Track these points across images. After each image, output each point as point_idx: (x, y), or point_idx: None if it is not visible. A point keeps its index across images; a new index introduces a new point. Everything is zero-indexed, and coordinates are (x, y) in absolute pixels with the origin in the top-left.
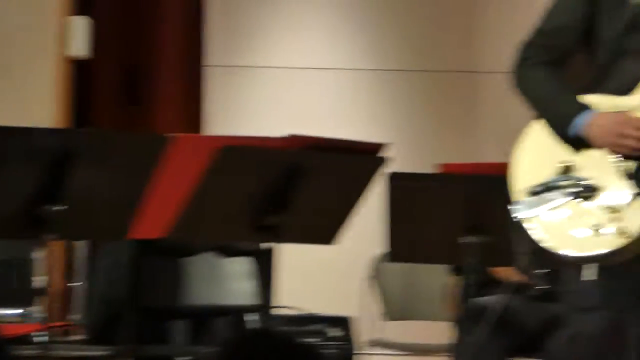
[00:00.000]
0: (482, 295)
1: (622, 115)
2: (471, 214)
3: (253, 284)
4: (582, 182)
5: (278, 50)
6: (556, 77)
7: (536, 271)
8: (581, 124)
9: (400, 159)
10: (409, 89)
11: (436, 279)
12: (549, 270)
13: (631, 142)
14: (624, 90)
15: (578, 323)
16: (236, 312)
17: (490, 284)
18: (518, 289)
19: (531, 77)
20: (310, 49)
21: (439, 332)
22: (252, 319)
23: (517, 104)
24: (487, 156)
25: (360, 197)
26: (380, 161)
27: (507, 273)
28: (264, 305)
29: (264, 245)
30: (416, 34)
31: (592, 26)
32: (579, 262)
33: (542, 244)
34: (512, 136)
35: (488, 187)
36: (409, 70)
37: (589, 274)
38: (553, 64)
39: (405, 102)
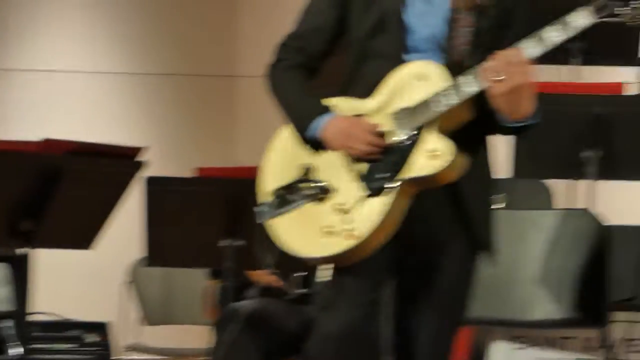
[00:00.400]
0: (240, 299)
1: (354, 119)
2: (229, 217)
3: (8, 289)
4: (317, 184)
5: (32, 53)
6: (304, 79)
7: (293, 274)
8: (318, 127)
9: (158, 163)
10: (166, 93)
11: (195, 282)
12: (305, 272)
13: (360, 145)
14: (368, 93)
15: (321, 323)
16: None
17: (248, 288)
18: (273, 292)
19: (281, 79)
20: (65, 52)
21: (198, 336)
22: (6, 326)
23: (273, 107)
24: (245, 160)
25: (118, 202)
26: (138, 165)
27: (263, 276)
28: (19, 312)
29: (19, 251)
30: (174, 38)
31: (344, 29)
32: (315, 264)
33: (283, 247)
34: (268, 139)
35: (244, 190)
36: (166, 74)
37: (324, 274)
38: (306, 66)
39: (162, 106)
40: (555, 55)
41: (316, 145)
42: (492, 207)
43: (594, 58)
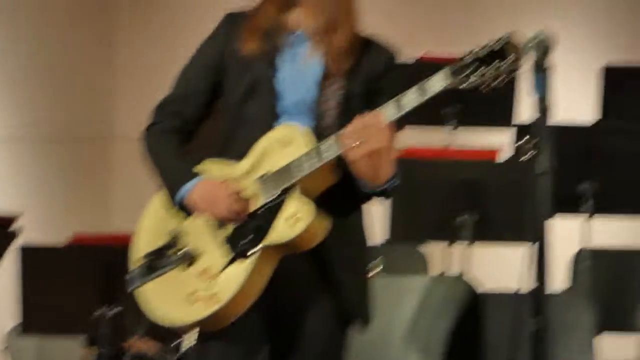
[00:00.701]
0: None
1: (219, 183)
2: (104, 285)
3: None
4: (183, 250)
5: None
6: (179, 143)
7: (172, 339)
8: (187, 191)
9: (33, 229)
10: (40, 156)
11: (71, 351)
12: (180, 339)
13: (224, 210)
14: (240, 157)
15: None
16: None
17: (124, 355)
18: (148, 359)
19: (155, 143)
20: None
21: None
22: None
23: (149, 171)
24: (122, 224)
25: None
26: (12, 236)
27: (139, 344)
28: None
29: None
30: (47, 99)
31: (219, 94)
32: (182, 330)
33: (151, 314)
34: (144, 204)
35: (119, 257)
36: (40, 137)
37: (190, 340)
38: (181, 130)
39: (37, 170)
40: (432, 118)
41: (185, 209)
42: (367, 273)
43: (471, 121)
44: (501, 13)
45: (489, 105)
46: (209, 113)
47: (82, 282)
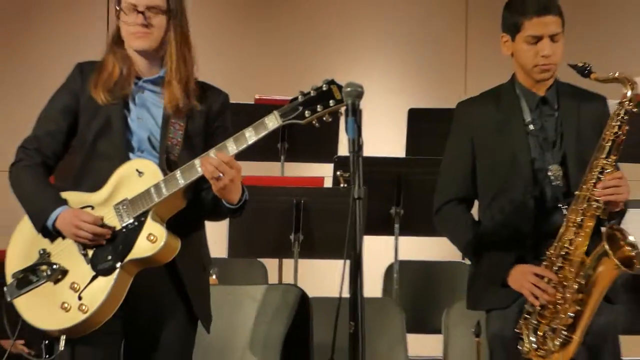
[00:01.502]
0: None
1: (80, 212)
2: None
3: None
4: (53, 267)
5: None
6: (42, 176)
7: (42, 342)
8: (54, 218)
9: None
10: None
11: None
12: (47, 341)
13: (85, 235)
14: (95, 187)
15: None
16: None
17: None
18: (21, 359)
19: (21, 178)
20: None
21: None
22: None
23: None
24: None
25: None
26: None
27: (13, 345)
28: None
29: None
30: None
31: (74, 133)
32: (54, 335)
33: (27, 321)
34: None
35: None
36: None
37: (62, 343)
38: (43, 164)
39: None
40: (266, 154)
41: (52, 233)
42: (208, 282)
43: (299, 156)
44: (324, 65)
45: (316, 142)
46: (66, 150)
47: None
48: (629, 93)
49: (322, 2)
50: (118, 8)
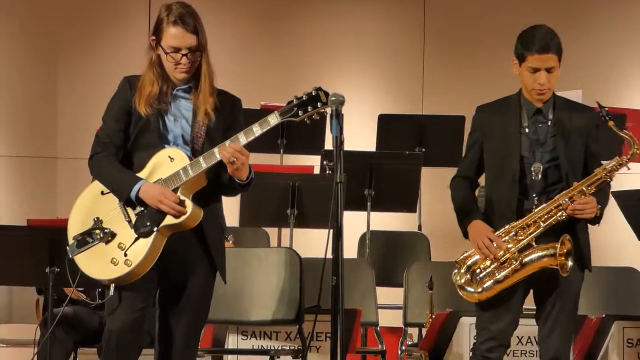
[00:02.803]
0: (58, 307)
1: (160, 187)
2: (50, 252)
3: None
4: (105, 231)
5: None
6: (118, 163)
7: (96, 290)
8: (137, 189)
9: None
10: (9, 171)
11: (29, 295)
12: (100, 289)
13: (165, 208)
14: (139, 170)
15: (108, 323)
16: None
17: (63, 300)
18: (80, 302)
19: (102, 165)
20: None
21: (32, 331)
22: None
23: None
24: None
25: None
26: None
27: (73, 292)
28: None
29: None
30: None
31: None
32: (106, 283)
33: (85, 273)
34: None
35: (59, 235)
36: (7, 155)
37: (111, 289)
38: (116, 154)
39: (8, 183)
40: (269, 148)
41: (133, 203)
42: (225, 244)
43: (294, 149)
44: (312, 76)
45: (307, 138)
46: (126, 145)
47: (35, 249)
48: (630, 154)
49: (311, 28)
50: (155, 40)
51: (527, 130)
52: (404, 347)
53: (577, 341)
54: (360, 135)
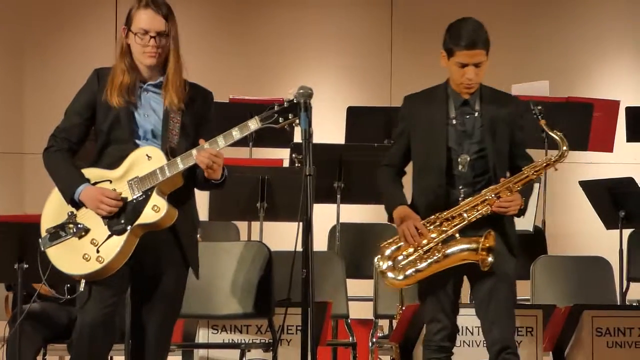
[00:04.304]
0: (27, 303)
1: (99, 188)
2: (20, 248)
3: None
4: (78, 226)
5: None
6: (69, 158)
7: (64, 285)
8: (79, 192)
9: None
10: None
11: None
12: (69, 284)
13: (105, 207)
14: (113, 166)
15: (79, 318)
16: None
17: (32, 295)
18: (49, 298)
19: (52, 160)
20: None
21: (1, 328)
22: None
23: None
24: (31, 210)
25: None
26: None
27: (42, 287)
28: None
29: None
30: None
31: (93, 124)
32: (77, 278)
33: (56, 267)
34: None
35: (31, 229)
36: None
37: (82, 285)
38: (69, 149)
39: None
40: (237, 141)
41: (77, 204)
42: (196, 239)
43: (264, 142)
44: (281, 74)
45: (276, 131)
46: (86, 138)
47: (3, 245)
48: (559, 155)
49: (278, 16)
50: (127, 28)
51: (454, 121)
52: (374, 339)
53: (546, 330)
54: (329, 129)
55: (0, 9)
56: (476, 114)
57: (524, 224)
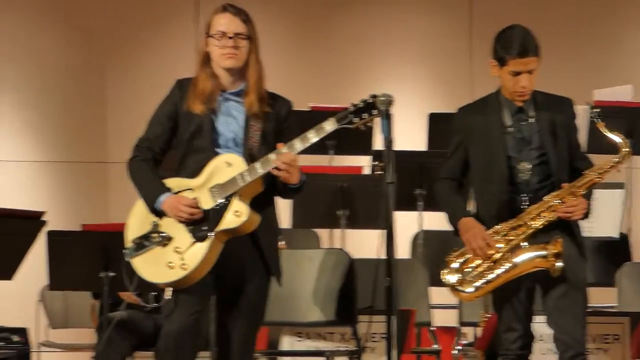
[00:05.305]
0: (114, 311)
1: (180, 196)
2: (105, 257)
3: None
4: (162, 235)
5: None
6: (152, 167)
7: (148, 293)
8: (161, 201)
9: (55, 222)
10: (61, 176)
11: (84, 300)
12: (155, 292)
13: (183, 215)
14: (194, 174)
15: (165, 326)
16: None
17: (119, 304)
18: (135, 306)
19: (136, 169)
20: None
21: (88, 336)
22: None
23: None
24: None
25: (30, 246)
26: (42, 223)
27: (129, 296)
28: None
29: None
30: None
31: (175, 133)
32: (162, 287)
33: (142, 276)
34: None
35: (115, 239)
36: (59, 161)
37: (168, 293)
38: (153, 159)
39: (60, 188)
40: (317, 148)
41: (160, 212)
42: (278, 247)
43: (344, 150)
44: (360, 82)
45: (356, 139)
46: (169, 147)
47: (90, 254)
48: (622, 156)
49: (357, 30)
50: (207, 35)
51: (511, 129)
52: (459, 347)
53: (633, 337)
54: (410, 135)
55: (85, 29)
56: (532, 120)
57: (609, 230)
